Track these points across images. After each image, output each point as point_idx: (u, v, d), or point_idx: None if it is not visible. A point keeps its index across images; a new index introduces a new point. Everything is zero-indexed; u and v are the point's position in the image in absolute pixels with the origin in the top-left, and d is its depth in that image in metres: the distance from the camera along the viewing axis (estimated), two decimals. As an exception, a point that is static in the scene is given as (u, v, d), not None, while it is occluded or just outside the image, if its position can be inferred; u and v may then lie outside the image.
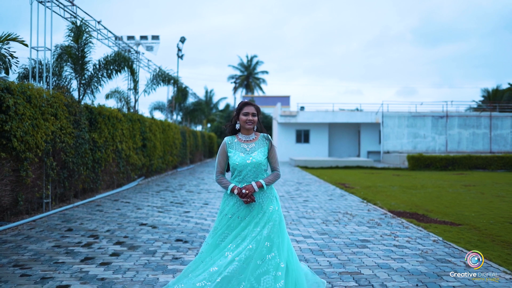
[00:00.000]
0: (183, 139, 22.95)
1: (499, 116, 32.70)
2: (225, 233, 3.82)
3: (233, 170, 3.93)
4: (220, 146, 3.99)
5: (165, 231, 7.25)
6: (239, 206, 3.86)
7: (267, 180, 3.90)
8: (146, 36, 19.16)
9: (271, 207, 3.85)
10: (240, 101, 4.09)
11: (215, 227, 3.91)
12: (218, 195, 12.24)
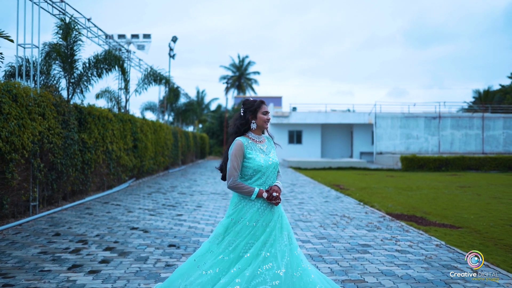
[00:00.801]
0: (174, 139, 22.64)
1: (491, 117, 32.72)
2: (249, 243, 3.49)
3: (254, 172, 3.59)
4: (235, 147, 3.59)
5: (157, 236, 6.96)
6: (263, 211, 3.54)
7: (280, 180, 3.74)
8: (138, 34, 18.83)
9: (281, 208, 3.73)
10: (253, 99, 3.75)
11: (230, 241, 3.50)
12: (211, 198, 11.96)
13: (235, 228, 3.51)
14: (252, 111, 3.68)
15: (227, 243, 3.49)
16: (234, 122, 3.74)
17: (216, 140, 47.36)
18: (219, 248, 3.49)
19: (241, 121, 3.70)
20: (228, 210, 3.63)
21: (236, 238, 3.48)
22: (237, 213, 3.55)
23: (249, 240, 3.47)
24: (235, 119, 3.76)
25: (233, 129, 3.73)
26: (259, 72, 70.44)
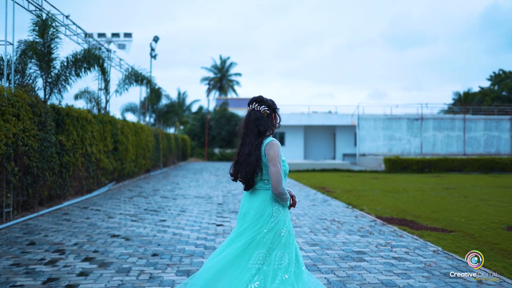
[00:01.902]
0: (156, 141, 22.15)
1: (472, 119, 32.97)
2: (297, 254, 3.30)
3: (284, 176, 3.30)
4: (278, 149, 3.23)
5: (140, 244, 6.56)
6: (287, 216, 3.36)
7: None
8: (118, 33, 18.30)
9: None
10: (269, 98, 3.46)
11: (280, 256, 3.16)
12: (195, 202, 11.58)
13: (288, 239, 3.21)
14: (273, 111, 3.41)
15: (296, 260, 3.26)
16: (265, 121, 3.31)
17: (198, 142, 46.81)
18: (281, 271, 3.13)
19: (271, 121, 3.39)
20: (264, 221, 3.18)
21: (285, 251, 3.17)
22: (278, 224, 3.20)
23: (296, 250, 3.28)
24: (261, 118, 3.31)
25: (264, 128, 3.30)
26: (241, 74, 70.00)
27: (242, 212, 3.31)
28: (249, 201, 3.29)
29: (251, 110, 3.36)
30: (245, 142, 3.28)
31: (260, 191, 3.28)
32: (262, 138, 3.26)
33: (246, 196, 3.37)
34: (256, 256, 3.10)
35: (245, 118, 3.36)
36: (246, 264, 3.08)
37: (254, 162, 3.20)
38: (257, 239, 3.13)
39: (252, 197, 3.30)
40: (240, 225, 3.25)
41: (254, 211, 3.21)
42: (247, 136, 3.29)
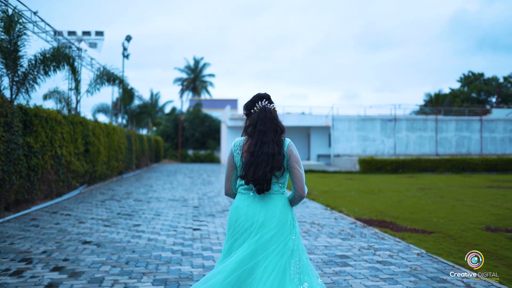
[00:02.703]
0: (128, 143, 21.65)
1: (444, 120, 33.44)
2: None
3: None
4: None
5: (113, 251, 6.23)
6: None
7: None
8: (89, 31, 17.76)
9: None
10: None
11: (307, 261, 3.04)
12: (170, 205, 11.25)
13: (301, 245, 3.03)
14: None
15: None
16: (279, 120, 3.12)
17: (171, 143, 46.24)
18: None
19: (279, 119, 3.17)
20: (290, 228, 2.97)
21: (302, 255, 3.03)
22: (297, 228, 3.06)
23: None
24: (277, 116, 3.12)
25: (283, 127, 3.11)
26: (214, 75, 69.72)
27: (258, 221, 2.93)
28: (265, 208, 2.96)
29: (265, 107, 3.09)
30: (264, 141, 2.96)
31: (276, 195, 3.00)
32: (281, 138, 3.04)
33: (255, 202, 2.98)
34: (294, 265, 2.90)
35: (262, 115, 3.04)
36: (289, 276, 2.86)
37: (281, 162, 2.95)
38: (290, 247, 2.91)
39: (268, 203, 2.98)
40: (260, 236, 2.89)
41: (277, 218, 2.93)
42: (265, 135, 2.98)
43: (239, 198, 3.05)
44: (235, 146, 3.08)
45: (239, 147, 3.06)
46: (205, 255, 6.00)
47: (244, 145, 3.03)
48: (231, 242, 2.98)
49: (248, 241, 2.89)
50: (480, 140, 33.20)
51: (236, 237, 2.96)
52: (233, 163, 3.08)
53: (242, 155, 3.02)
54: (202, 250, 6.31)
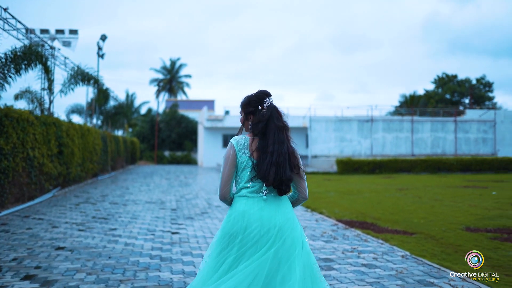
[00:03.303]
0: (104, 144, 21.20)
1: (419, 120, 33.81)
2: None
3: None
4: None
5: (89, 257, 5.96)
6: None
7: None
8: (63, 30, 17.26)
9: None
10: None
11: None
12: (147, 207, 10.98)
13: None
14: None
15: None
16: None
17: (147, 144, 45.66)
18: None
19: None
20: (301, 229, 2.86)
21: None
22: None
23: None
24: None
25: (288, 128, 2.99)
26: (191, 76, 69.20)
27: (276, 226, 2.70)
28: (279, 211, 2.77)
29: (274, 105, 2.93)
30: (281, 140, 2.81)
31: (285, 197, 2.87)
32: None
33: (268, 206, 2.77)
34: (316, 268, 2.81)
35: (276, 112, 2.89)
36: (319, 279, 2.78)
37: (297, 162, 2.86)
38: (307, 250, 2.80)
39: (281, 206, 2.80)
40: (283, 242, 2.69)
41: (292, 221, 2.79)
42: (282, 133, 2.83)
43: (245, 203, 2.76)
44: (239, 144, 2.81)
45: (244, 145, 2.82)
46: (185, 260, 5.78)
47: (252, 144, 2.82)
48: (237, 255, 2.66)
49: (268, 249, 2.65)
50: (454, 140, 33.70)
51: (246, 247, 2.66)
52: (235, 164, 2.81)
53: (252, 155, 2.80)
54: (182, 255, 6.10)
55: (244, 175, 2.81)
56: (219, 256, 2.72)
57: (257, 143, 2.81)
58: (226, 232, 2.74)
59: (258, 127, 2.82)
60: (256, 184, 2.80)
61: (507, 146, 34.39)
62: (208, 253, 2.84)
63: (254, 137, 2.84)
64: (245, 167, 2.80)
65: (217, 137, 35.99)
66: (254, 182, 2.80)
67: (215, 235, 2.85)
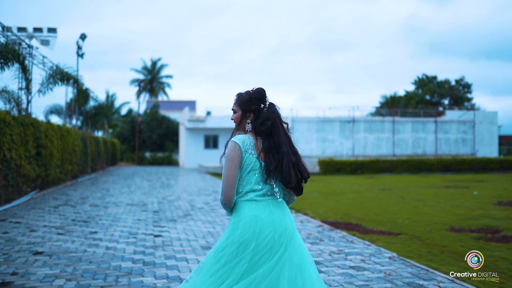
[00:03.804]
0: (83, 145, 20.81)
1: (400, 121, 34.08)
2: None
3: None
4: None
5: (68, 262, 5.75)
6: None
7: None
8: (41, 28, 16.87)
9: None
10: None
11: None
12: (128, 210, 10.75)
13: None
14: None
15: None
16: None
17: (128, 145, 45.12)
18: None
19: None
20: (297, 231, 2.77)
21: None
22: None
23: None
24: None
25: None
26: (172, 76, 68.86)
27: (286, 229, 2.61)
28: (285, 214, 2.68)
29: (272, 103, 2.84)
30: (290, 140, 2.77)
31: (282, 199, 2.76)
32: None
33: (276, 209, 2.66)
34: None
35: (277, 112, 2.80)
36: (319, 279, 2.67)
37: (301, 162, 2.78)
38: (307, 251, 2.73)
39: (284, 208, 2.72)
40: (296, 244, 2.62)
41: (294, 224, 2.72)
42: (287, 132, 2.77)
43: (255, 207, 2.60)
44: (245, 144, 2.64)
45: (250, 146, 2.65)
46: (168, 264, 5.62)
47: (257, 144, 2.69)
48: (250, 264, 2.49)
49: (283, 254, 2.54)
50: (435, 141, 34.06)
51: (260, 255, 2.50)
52: (240, 165, 2.64)
53: (259, 156, 2.66)
54: (165, 258, 5.93)
55: (251, 178, 2.65)
56: (223, 269, 2.50)
57: (262, 143, 2.68)
58: (235, 241, 2.54)
59: (265, 126, 2.69)
60: (265, 187, 2.66)
61: (486, 147, 34.90)
62: (203, 270, 2.58)
63: (257, 137, 2.71)
64: (252, 169, 2.64)
65: (199, 138, 35.72)
66: (264, 184, 2.66)
67: (214, 248, 2.58)
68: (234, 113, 2.82)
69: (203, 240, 7.11)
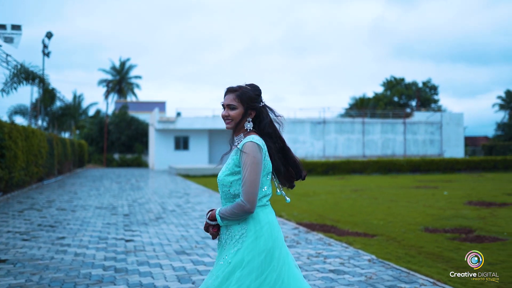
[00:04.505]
0: (50, 147, 20.17)
1: (370, 122, 34.48)
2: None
3: None
4: None
5: (34, 270, 5.44)
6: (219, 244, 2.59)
7: (223, 211, 2.43)
8: (5, 25, 16.24)
9: (223, 258, 2.42)
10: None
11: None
12: (97, 213, 10.40)
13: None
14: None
15: None
16: None
17: (96, 147, 44.16)
18: None
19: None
20: None
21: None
22: None
23: None
24: None
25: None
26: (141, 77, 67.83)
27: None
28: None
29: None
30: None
31: None
32: None
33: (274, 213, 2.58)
34: None
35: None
36: None
37: None
38: None
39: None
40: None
41: None
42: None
43: (269, 212, 2.48)
44: (264, 146, 2.48)
45: (265, 147, 2.49)
46: (142, 271, 5.38)
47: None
48: (279, 271, 2.36)
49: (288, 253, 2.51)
50: (404, 142, 34.58)
51: (283, 259, 2.41)
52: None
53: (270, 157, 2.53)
54: (138, 265, 5.68)
55: (265, 182, 2.48)
56: (254, 284, 2.31)
57: (268, 145, 2.54)
58: (261, 251, 2.35)
59: (274, 127, 2.59)
60: (271, 190, 2.54)
61: (453, 147, 35.66)
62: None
63: (261, 137, 2.54)
64: (268, 171, 2.50)
65: (169, 139, 35.24)
66: (270, 187, 2.54)
67: (230, 265, 2.33)
68: (233, 109, 2.55)
69: (176, 245, 6.89)
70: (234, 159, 2.46)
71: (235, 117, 2.54)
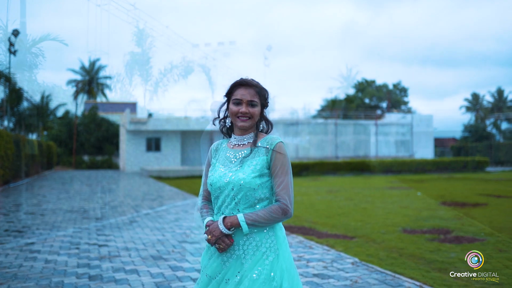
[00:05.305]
0: (16, 149, 19.49)
1: (343, 124, 34.72)
2: None
3: (211, 192, 2.35)
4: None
5: (1, 279, 5.10)
6: (212, 255, 2.31)
7: (253, 217, 2.17)
8: (-32, 21, 15.60)
9: (257, 271, 2.17)
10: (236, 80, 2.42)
11: None
12: (68, 217, 10.02)
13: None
14: (227, 99, 2.43)
15: None
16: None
17: (65, 149, 43.10)
18: None
19: (218, 115, 2.48)
20: None
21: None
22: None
23: None
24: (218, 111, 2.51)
25: (218, 126, 2.48)
26: (112, 77, 66.64)
27: None
28: None
29: None
30: None
31: None
32: None
33: None
34: None
35: None
36: None
37: None
38: None
39: None
40: None
41: None
42: None
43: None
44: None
45: None
46: (118, 278, 5.12)
47: None
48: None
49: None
50: (376, 143, 34.95)
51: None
52: None
53: None
54: (114, 271, 5.42)
55: None
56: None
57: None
58: (290, 256, 2.31)
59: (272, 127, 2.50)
60: None
61: (423, 148, 36.25)
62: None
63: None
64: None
65: (141, 141, 34.65)
66: None
67: (284, 275, 2.18)
68: (254, 106, 2.35)
69: (153, 249, 6.64)
70: (263, 159, 2.26)
71: (256, 115, 2.36)
